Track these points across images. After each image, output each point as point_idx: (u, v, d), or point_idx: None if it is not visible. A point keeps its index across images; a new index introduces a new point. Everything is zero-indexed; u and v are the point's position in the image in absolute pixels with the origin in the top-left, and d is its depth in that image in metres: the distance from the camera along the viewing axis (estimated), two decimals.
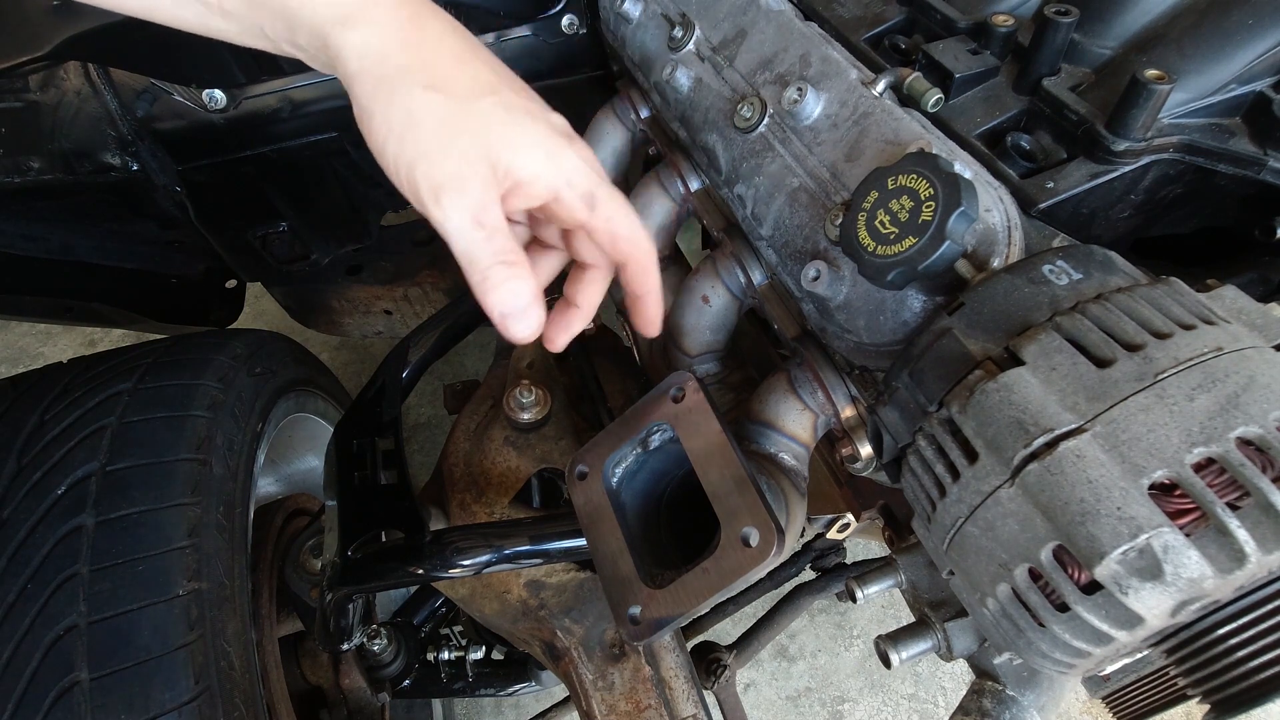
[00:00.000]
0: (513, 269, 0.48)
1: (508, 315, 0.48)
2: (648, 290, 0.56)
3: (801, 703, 1.61)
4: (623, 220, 0.52)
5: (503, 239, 0.47)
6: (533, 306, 0.49)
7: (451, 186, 0.46)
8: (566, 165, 0.49)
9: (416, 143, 0.46)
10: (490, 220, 0.47)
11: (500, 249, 0.47)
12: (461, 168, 0.46)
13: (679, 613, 0.53)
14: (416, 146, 0.46)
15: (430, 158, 0.46)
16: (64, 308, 1.12)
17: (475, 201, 0.46)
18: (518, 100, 0.49)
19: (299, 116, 1.00)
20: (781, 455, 0.67)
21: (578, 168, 0.50)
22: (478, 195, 0.46)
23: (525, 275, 0.48)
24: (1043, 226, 0.56)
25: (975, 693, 0.63)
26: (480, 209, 0.47)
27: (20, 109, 0.93)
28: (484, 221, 0.47)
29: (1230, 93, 0.57)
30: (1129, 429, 0.39)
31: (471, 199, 0.46)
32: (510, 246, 0.48)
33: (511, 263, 0.48)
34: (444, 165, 0.46)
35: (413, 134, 0.46)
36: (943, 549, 0.47)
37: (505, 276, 0.48)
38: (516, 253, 0.48)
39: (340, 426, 0.86)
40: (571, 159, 0.49)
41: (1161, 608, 0.37)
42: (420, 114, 0.46)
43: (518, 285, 0.48)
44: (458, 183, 0.46)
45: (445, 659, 1.13)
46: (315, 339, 1.87)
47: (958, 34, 0.68)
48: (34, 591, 0.68)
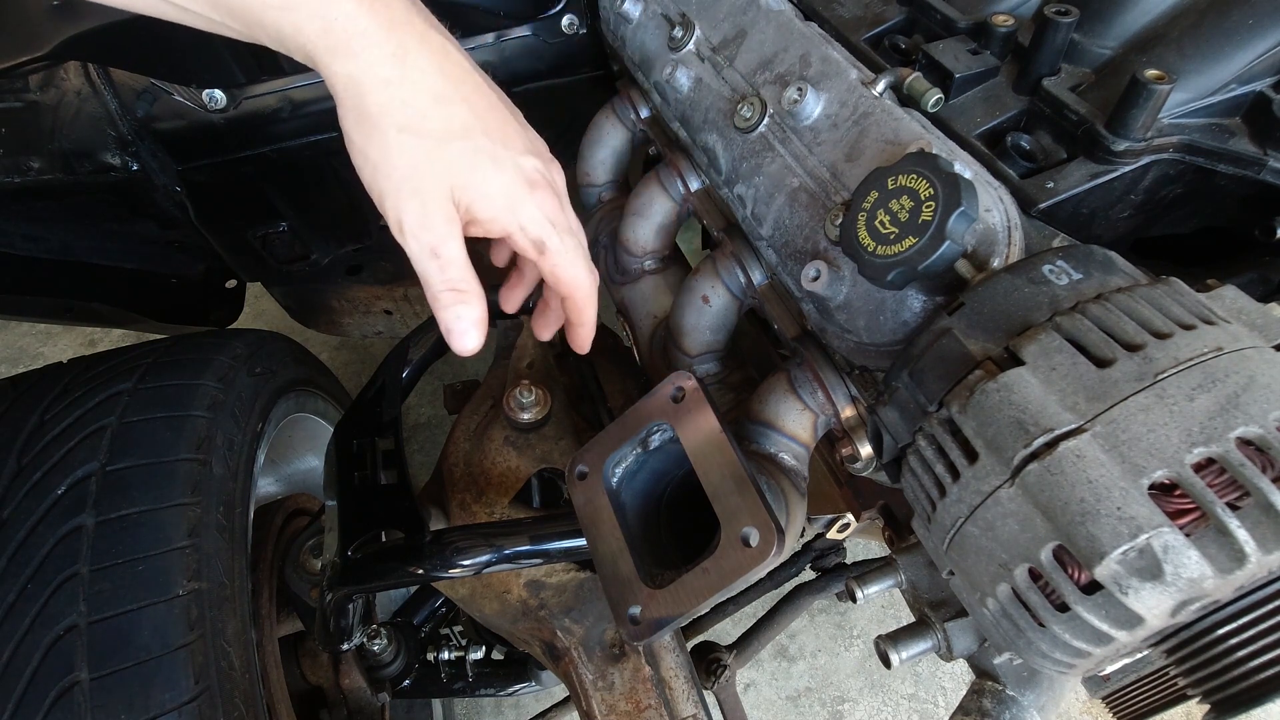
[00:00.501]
0: (459, 295, 0.54)
1: (450, 333, 0.55)
2: (581, 322, 0.65)
3: (801, 703, 1.61)
4: (566, 266, 0.59)
5: (455, 270, 0.54)
6: (472, 330, 0.55)
7: (414, 223, 0.52)
8: (522, 214, 0.56)
9: (388, 178, 0.52)
10: (446, 253, 0.53)
11: (451, 279, 0.54)
12: (424, 207, 0.52)
13: (679, 613, 0.53)
14: (388, 182, 0.52)
15: (399, 194, 0.52)
16: (64, 308, 1.12)
17: (434, 237, 0.52)
18: (489, 146, 0.54)
19: (299, 116, 1.00)
20: (781, 455, 0.67)
21: (532, 217, 0.56)
22: (437, 232, 0.52)
23: (470, 301, 0.55)
24: (1043, 226, 0.56)
25: (975, 693, 0.63)
26: (439, 243, 0.53)
27: (20, 109, 0.93)
28: (439, 254, 0.53)
29: (1230, 93, 0.57)
30: (1129, 429, 0.39)
31: (430, 235, 0.52)
32: (460, 276, 0.54)
33: (459, 290, 0.54)
34: (410, 204, 0.52)
35: (385, 170, 0.52)
36: (943, 549, 0.47)
37: (451, 301, 0.54)
38: (467, 281, 0.54)
39: (340, 426, 0.86)
40: (528, 209, 0.56)
41: (1161, 608, 0.37)
42: (393, 154, 0.51)
43: (461, 310, 0.54)
44: (420, 220, 0.52)
45: (445, 659, 1.13)
46: (315, 339, 1.87)
47: (958, 34, 0.68)
48: (34, 591, 0.68)
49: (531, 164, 0.57)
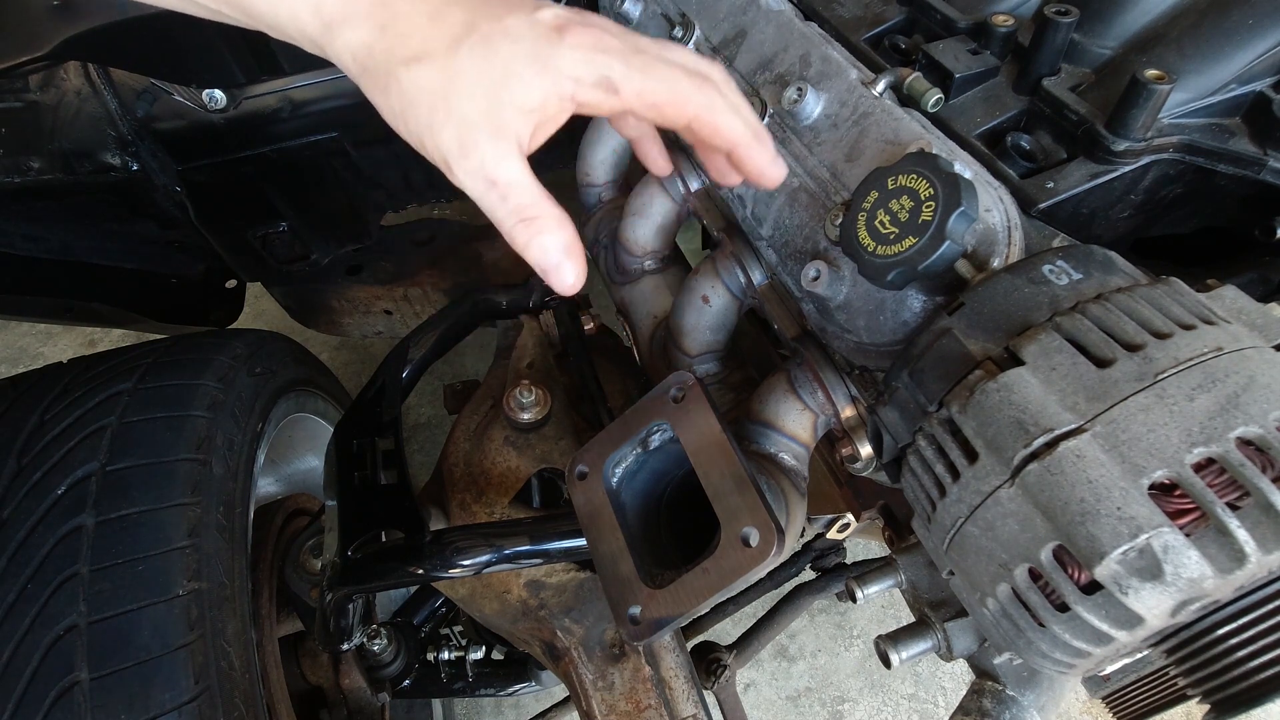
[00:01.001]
0: (533, 224, 0.46)
1: (544, 271, 0.47)
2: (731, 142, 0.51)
3: (801, 703, 1.61)
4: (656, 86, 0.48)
5: (519, 195, 0.46)
6: (566, 260, 0.47)
7: (457, 153, 0.45)
8: (564, 64, 0.46)
9: (418, 119, 0.46)
10: (504, 177, 0.46)
11: (516, 207, 0.46)
12: (461, 133, 0.45)
13: (679, 613, 0.53)
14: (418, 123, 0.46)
15: (433, 130, 0.46)
16: (64, 308, 1.12)
17: (482, 161, 0.45)
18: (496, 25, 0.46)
19: (299, 116, 1.00)
20: (781, 455, 0.67)
21: (576, 60, 0.46)
22: (484, 154, 0.45)
23: (549, 227, 0.47)
24: (1043, 226, 0.56)
25: (975, 693, 0.63)
26: (490, 167, 0.45)
27: (20, 109, 0.93)
28: (496, 180, 0.46)
29: (1230, 93, 0.57)
30: (1129, 429, 0.39)
31: (477, 160, 0.45)
32: (527, 201, 0.46)
33: (531, 218, 0.46)
34: (446, 135, 0.45)
35: (413, 113, 0.46)
36: (943, 549, 0.47)
37: (529, 234, 0.46)
38: (537, 204, 0.46)
39: (340, 426, 0.86)
40: (566, 55, 0.46)
41: (1161, 608, 0.37)
42: (411, 91, 0.46)
43: (544, 240, 0.47)
44: (462, 149, 0.45)
45: (445, 659, 1.13)
46: (315, 339, 1.87)
47: (958, 34, 0.68)
48: (34, 591, 0.68)
49: (549, 13, 0.48)
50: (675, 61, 0.49)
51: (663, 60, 0.49)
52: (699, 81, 0.49)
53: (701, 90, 0.49)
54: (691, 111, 0.49)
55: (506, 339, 1.04)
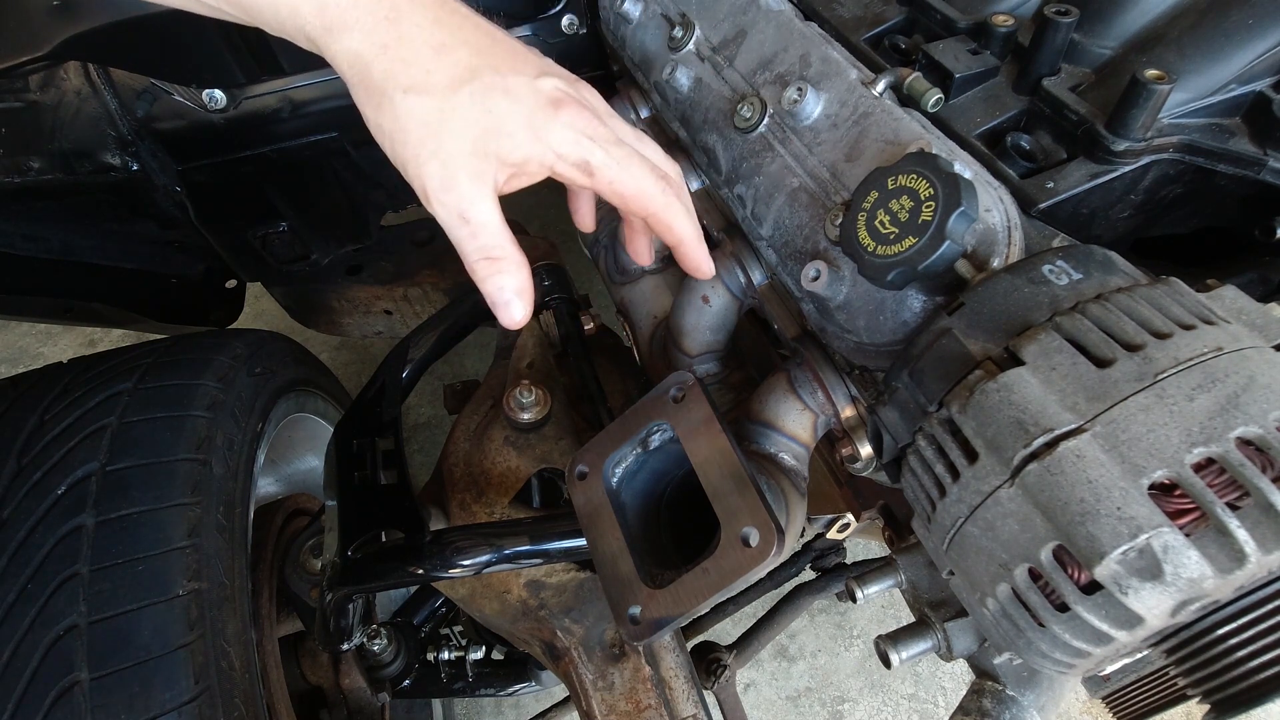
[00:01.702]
0: (495, 264, 0.50)
1: (495, 305, 0.52)
2: (677, 240, 0.56)
3: (801, 703, 1.61)
4: (626, 179, 0.52)
5: (488, 235, 0.49)
6: (516, 299, 0.51)
7: (439, 188, 0.48)
8: (553, 140, 0.50)
9: (405, 146, 0.48)
10: (476, 216, 0.49)
11: (484, 245, 0.50)
12: (446, 168, 0.48)
13: (679, 613, 0.53)
14: (405, 149, 0.48)
15: (419, 160, 0.48)
16: (64, 308, 1.12)
17: (460, 200, 0.48)
18: (499, 80, 0.49)
19: (299, 116, 1.00)
20: (781, 455, 0.67)
21: (565, 139, 0.50)
22: (463, 193, 0.48)
23: (508, 268, 0.50)
24: (1043, 226, 0.56)
25: (975, 693, 0.63)
26: (465, 206, 0.48)
27: (20, 109, 0.93)
28: (469, 218, 0.49)
29: (1230, 93, 0.57)
30: (1129, 429, 0.39)
31: (456, 197, 0.48)
32: (494, 242, 0.50)
33: (494, 258, 0.50)
34: (430, 168, 0.48)
35: (401, 138, 0.48)
36: (943, 549, 0.47)
37: (488, 271, 0.50)
38: (502, 247, 0.50)
39: (340, 426, 0.86)
40: (557, 132, 0.50)
41: (1161, 608, 0.37)
42: (404, 119, 0.48)
43: (501, 280, 0.50)
44: (444, 184, 0.48)
45: (445, 659, 1.13)
46: (315, 339, 1.87)
47: (958, 34, 0.68)
48: (34, 591, 0.68)
49: (550, 84, 0.51)
50: (646, 158, 0.54)
51: (637, 156, 0.53)
52: (663, 184, 0.54)
53: (664, 192, 0.55)
54: (652, 209, 0.55)
55: (506, 339, 1.04)
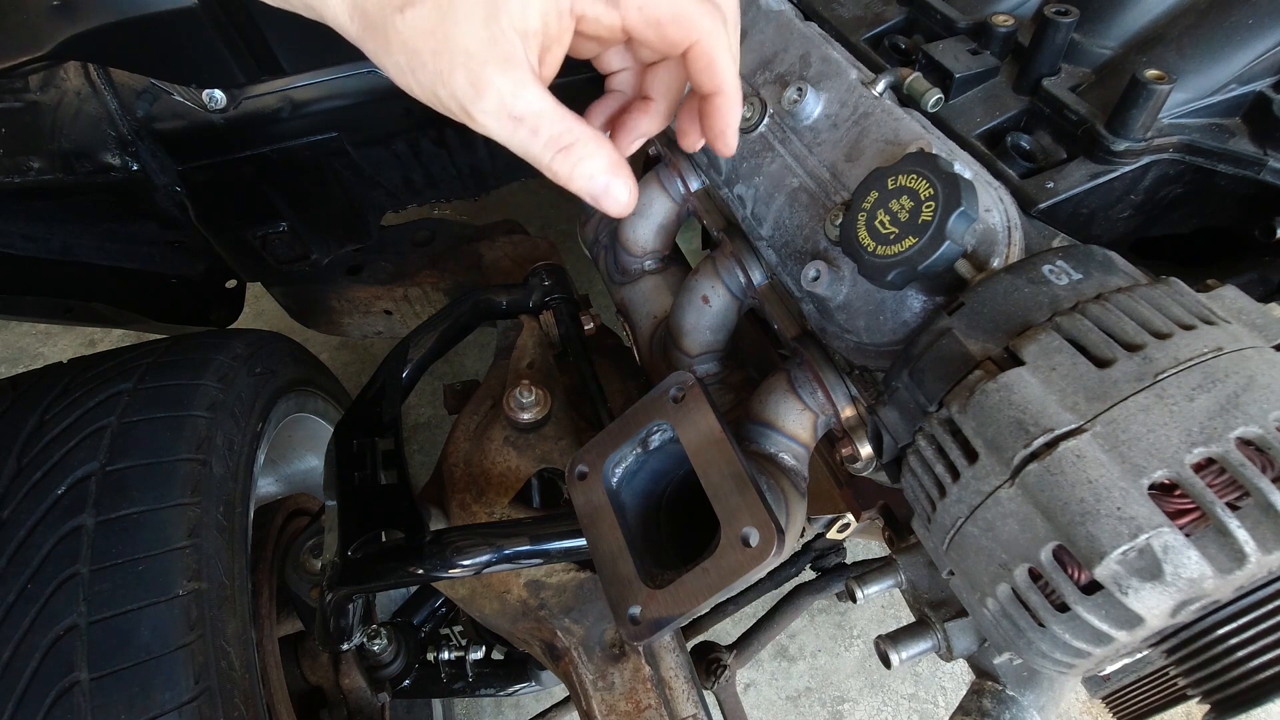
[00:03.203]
0: (571, 152, 0.45)
1: (595, 198, 0.46)
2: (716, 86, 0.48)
3: (801, 703, 1.61)
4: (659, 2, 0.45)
5: (550, 124, 0.44)
6: (614, 180, 0.46)
7: (472, 94, 0.43)
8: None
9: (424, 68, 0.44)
10: (526, 109, 0.43)
11: (549, 138, 0.44)
12: (471, 70, 0.43)
13: (679, 613, 0.53)
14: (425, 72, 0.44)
15: (441, 78, 0.43)
16: (64, 308, 1.12)
17: (501, 99, 0.43)
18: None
19: (299, 116, 1.00)
20: (781, 455, 0.67)
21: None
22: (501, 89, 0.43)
23: (589, 153, 0.45)
24: (1043, 226, 0.56)
25: (975, 693, 0.63)
26: (510, 103, 0.43)
27: (20, 109, 0.93)
28: (520, 114, 0.43)
29: (1230, 93, 0.57)
30: (1129, 429, 0.39)
31: (494, 100, 0.43)
32: (560, 129, 0.44)
33: (568, 145, 0.44)
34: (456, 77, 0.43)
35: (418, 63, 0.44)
36: (943, 549, 0.47)
37: (569, 164, 0.45)
38: (570, 130, 0.44)
39: (340, 426, 0.86)
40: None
41: (1161, 608, 0.37)
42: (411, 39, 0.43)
43: (586, 167, 0.45)
44: (476, 88, 0.43)
45: (445, 659, 1.13)
46: (315, 339, 1.87)
47: (958, 34, 0.68)
48: (34, 591, 0.68)
49: None
50: None
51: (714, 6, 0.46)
52: (709, 7, 0.46)
53: (710, 16, 0.45)
54: (696, 35, 0.46)
55: (506, 339, 1.04)
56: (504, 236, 1.33)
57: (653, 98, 0.52)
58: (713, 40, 0.46)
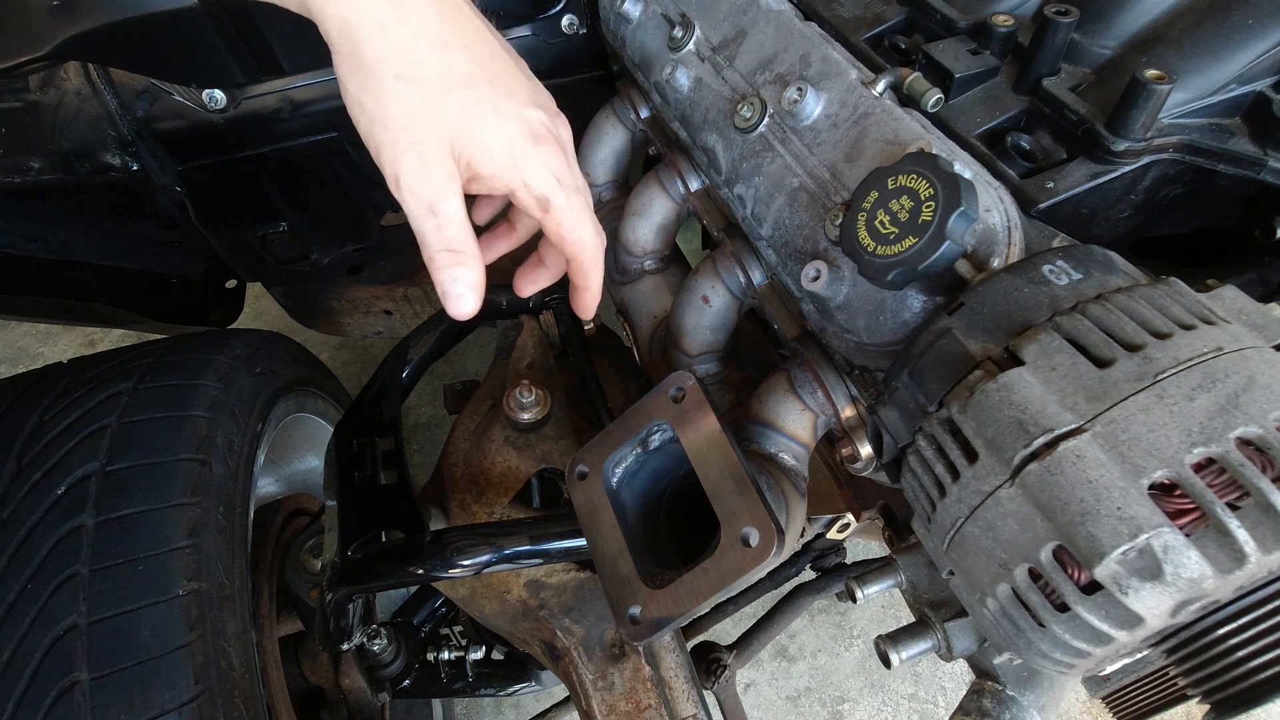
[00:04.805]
0: (456, 256, 0.52)
1: (446, 296, 0.53)
2: (586, 286, 0.62)
3: (801, 703, 1.61)
4: (572, 226, 0.56)
5: (453, 229, 0.51)
6: (469, 292, 0.53)
7: (411, 178, 0.49)
8: (526, 169, 0.53)
9: (385, 130, 0.49)
10: (444, 210, 0.50)
11: (448, 238, 0.51)
12: (422, 161, 0.49)
13: (679, 613, 0.53)
14: (384, 134, 0.49)
15: (395, 147, 0.49)
16: (64, 308, 1.12)
17: (432, 193, 0.49)
18: (491, 96, 0.51)
19: (299, 116, 1.00)
20: (781, 455, 0.67)
21: (537, 173, 0.53)
22: (435, 187, 0.49)
23: (467, 263, 0.52)
24: (1043, 226, 0.56)
25: (975, 693, 0.63)
26: (436, 200, 0.50)
27: (20, 109, 0.93)
28: (437, 211, 0.50)
29: (1230, 93, 0.57)
30: (1129, 429, 0.39)
31: (428, 191, 0.49)
32: (458, 236, 0.51)
33: (456, 251, 0.51)
34: (407, 157, 0.49)
35: (382, 121, 0.49)
36: (943, 549, 0.47)
37: (447, 262, 0.52)
38: (464, 242, 0.52)
39: (340, 426, 0.86)
40: (533, 165, 0.53)
41: (1161, 608, 0.37)
42: (390, 104, 0.48)
43: (457, 272, 0.52)
44: (417, 175, 0.49)
45: (445, 659, 1.13)
46: (315, 339, 1.87)
47: (958, 34, 0.68)
48: (34, 591, 0.68)
49: (537, 116, 0.54)
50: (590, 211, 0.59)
51: (587, 208, 0.58)
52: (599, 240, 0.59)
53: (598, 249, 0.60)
54: (581, 260, 0.59)
55: (506, 339, 1.04)
56: None
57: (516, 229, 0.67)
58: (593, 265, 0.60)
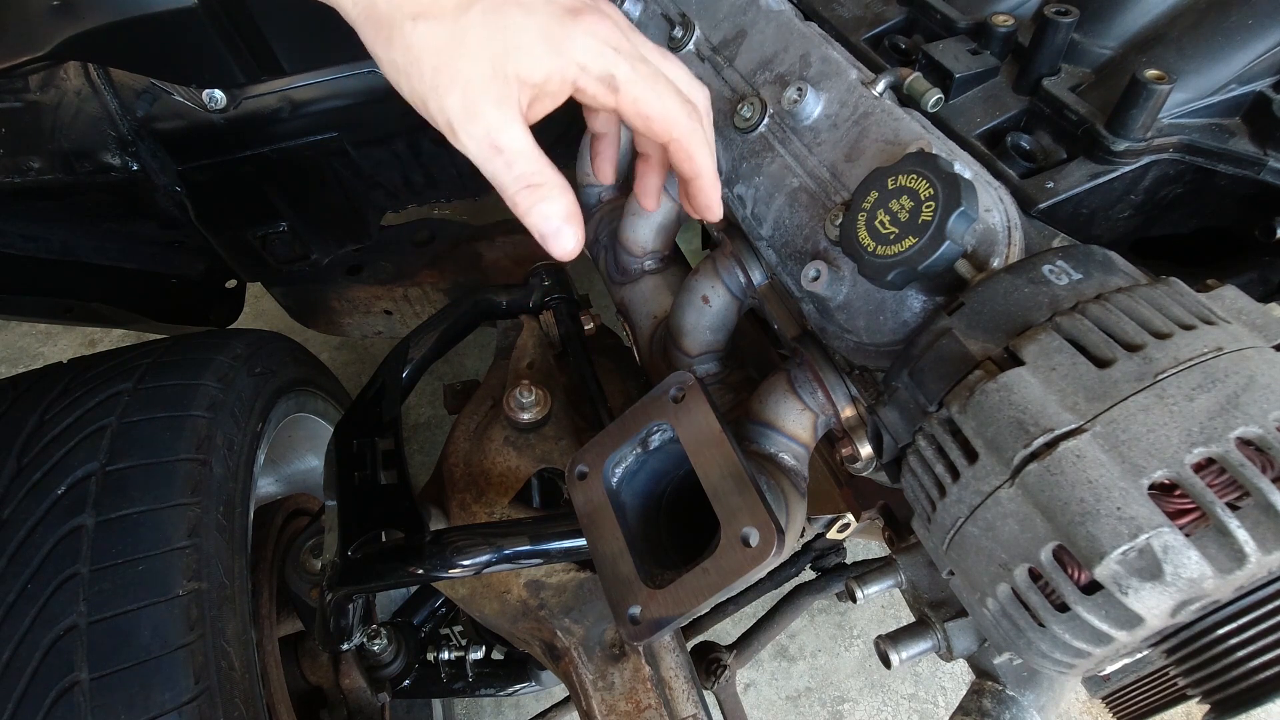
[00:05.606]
0: (536, 191, 0.47)
1: (543, 236, 0.48)
2: (695, 172, 0.54)
3: (801, 703, 1.61)
4: (651, 99, 0.49)
5: (525, 162, 0.47)
6: (565, 226, 0.48)
7: (462, 117, 0.45)
8: (574, 50, 0.47)
9: (421, 78, 0.46)
10: (508, 143, 0.46)
11: (521, 173, 0.47)
12: (467, 96, 0.45)
13: (679, 613, 0.53)
14: (422, 83, 0.46)
15: (437, 91, 0.45)
16: (64, 308, 1.12)
17: (488, 128, 0.46)
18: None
19: (299, 116, 1.00)
20: (781, 455, 0.67)
21: (588, 48, 0.47)
22: (489, 120, 0.45)
23: (552, 196, 0.47)
24: (1043, 226, 0.56)
25: (975, 693, 0.63)
26: (496, 133, 0.46)
27: (20, 109, 0.93)
28: (501, 146, 0.46)
29: (1230, 93, 0.57)
30: (1129, 429, 0.39)
31: (482, 126, 0.45)
32: (532, 168, 0.47)
33: (535, 185, 0.47)
34: (451, 99, 0.45)
35: (416, 70, 0.46)
36: (943, 549, 0.47)
37: (531, 201, 0.47)
38: (541, 172, 0.47)
39: (340, 426, 0.86)
40: (579, 41, 0.47)
41: (1161, 608, 0.37)
42: (416, 48, 0.45)
43: (545, 208, 0.47)
44: (467, 113, 0.45)
45: (445, 659, 1.13)
46: (315, 339, 1.87)
47: (958, 34, 0.68)
48: (34, 591, 0.68)
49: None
50: (673, 78, 0.51)
51: (662, 76, 0.50)
52: (689, 108, 0.51)
53: (690, 117, 0.51)
54: (675, 134, 0.51)
55: (506, 339, 1.04)
56: (504, 236, 1.33)
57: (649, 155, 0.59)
58: (690, 141, 0.52)
